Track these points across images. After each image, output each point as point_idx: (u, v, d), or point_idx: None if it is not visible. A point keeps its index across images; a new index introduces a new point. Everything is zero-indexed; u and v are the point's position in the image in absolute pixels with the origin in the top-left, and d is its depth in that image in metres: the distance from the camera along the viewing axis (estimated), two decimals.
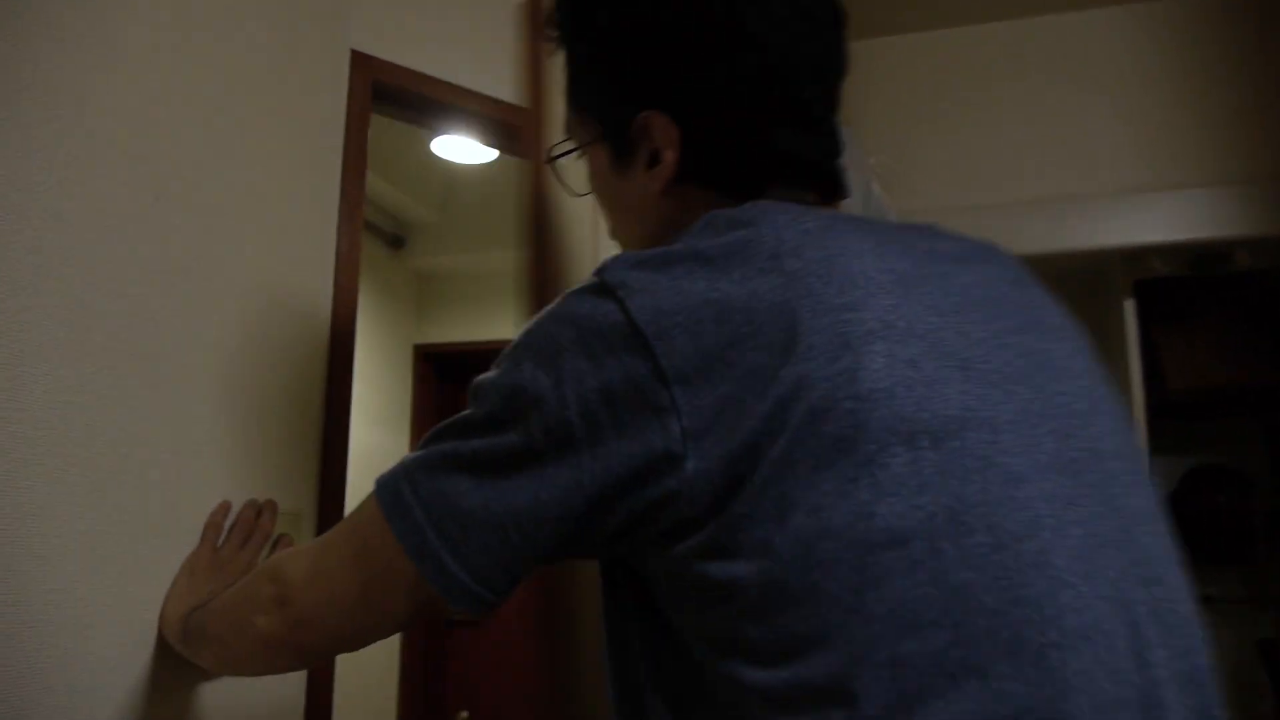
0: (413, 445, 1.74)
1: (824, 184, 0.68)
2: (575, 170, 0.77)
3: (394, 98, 1.48)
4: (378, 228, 3.30)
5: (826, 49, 0.67)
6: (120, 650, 0.95)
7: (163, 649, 0.97)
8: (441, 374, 3.67)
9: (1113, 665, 0.49)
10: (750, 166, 0.66)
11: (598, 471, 0.54)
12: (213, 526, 1.05)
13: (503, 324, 3.48)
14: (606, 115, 0.69)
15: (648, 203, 0.69)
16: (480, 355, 3.75)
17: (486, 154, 2.87)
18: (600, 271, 0.57)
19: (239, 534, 1.07)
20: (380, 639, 0.67)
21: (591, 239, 1.57)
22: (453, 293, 3.65)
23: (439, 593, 0.57)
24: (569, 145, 0.75)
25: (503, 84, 1.63)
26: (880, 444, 0.49)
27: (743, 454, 0.51)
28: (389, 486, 0.60)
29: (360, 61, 1.40)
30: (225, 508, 1.08)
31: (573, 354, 0.54)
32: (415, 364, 3.58)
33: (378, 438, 3.26)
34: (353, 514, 0.65)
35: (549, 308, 0.58)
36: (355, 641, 0.67)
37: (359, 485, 3.15)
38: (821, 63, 0.66)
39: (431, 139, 2.76)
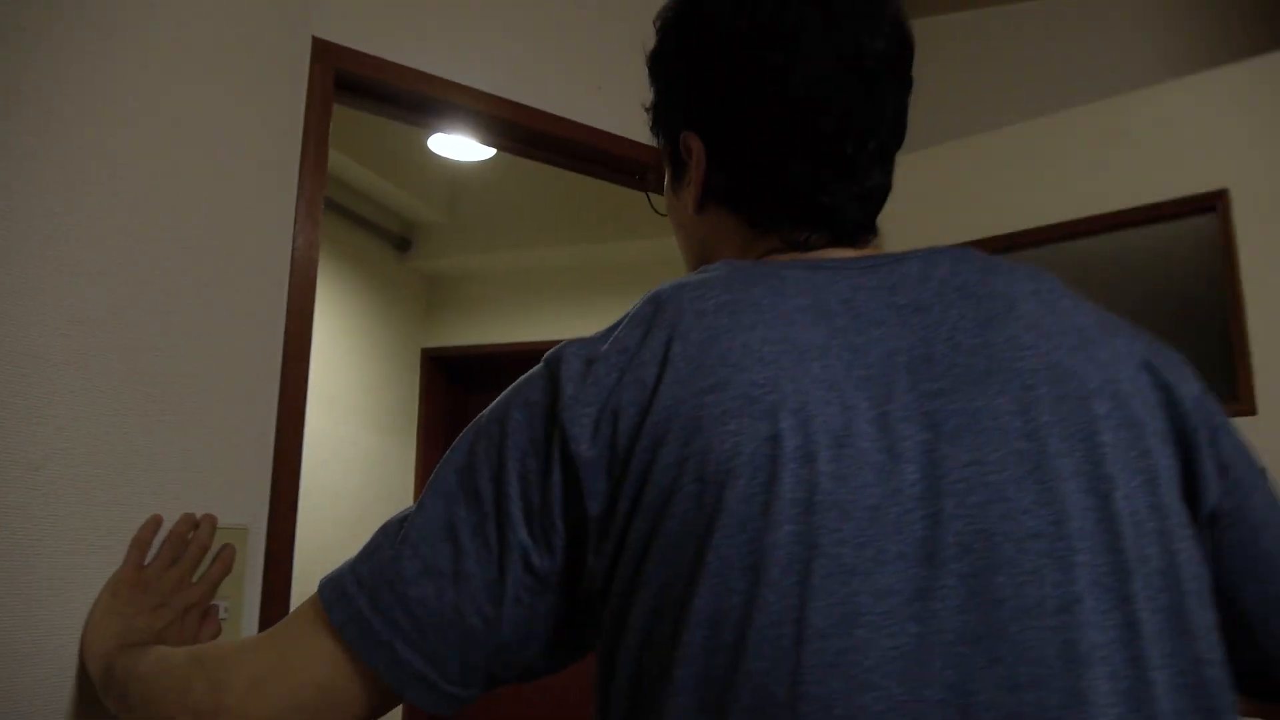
0: (420, 453, 1.65)
1: (840, 228, 0.66)
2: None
3: (362, 89, 1.41)
4: (383, 229, 3.25)
5: (868, 97, 0.65)
6: (35, 679, 0.88)
7: (83, 679, 0.90)
8: (451, 378, 3.61)
9: None
10: (763, 197, 0.67)
11: None
12: (138, 543, 0.99)
13: (514, 326, 3.41)
14: (668, 136, 0.72)
15: (689, 221, 0.73)
16: (490, 358, 3.69)
17: (485, 151, 2.81)
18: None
19: (169, 550, 1.00)
20: None
21: None
22: (462, 295, 3.59)
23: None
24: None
25: (487, 75, 1.55)
26: (718, 528, 0.50)
27: (614, 532, 0.54)
28: None
29: (322, 49, 1.33)
30: (155, 523, 1.01)
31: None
32: (423, 368, 3.51)
33: (384, 445, 3.20)
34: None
35: None
36: None
37: (361, 495, 3.05)
38: (857, 108, 0.65)
39: (427, 136, 2.70)
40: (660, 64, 0.73)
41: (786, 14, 0.64)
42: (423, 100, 1.47)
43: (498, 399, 0.61)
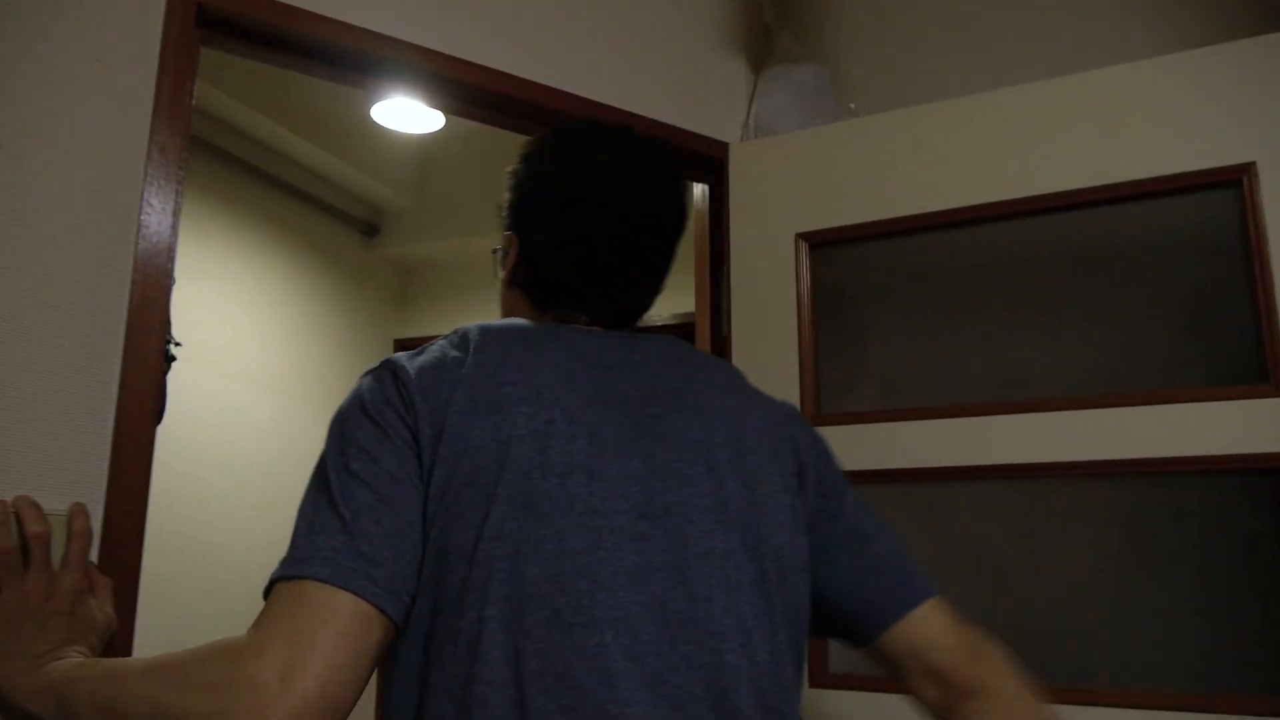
0: None
1: (598, 319, 0.95)
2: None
3: (237, 29, 1.25)
4: (348, 215, 3.10)
5: (633, 248, 0.93)
6: None
7: None
8: None
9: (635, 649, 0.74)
10: (546, 293, 0.95)
11: None
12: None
13: (492, 313, 3.26)
14: (504, 224, 0.99)
15: (503, 291, 1.01)
16: None
17: (432, 119, 2.65)
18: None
19: (40, 550, 0.90)
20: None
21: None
22: (435, 282, 3.44)
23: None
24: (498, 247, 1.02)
25: (421, 24, 1.38)
26: (503, 478, 0.76)
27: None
28: None
29: None
30: None
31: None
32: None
33: None
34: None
35: None
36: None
37: None
38: (623, 253, 0.93)
39: (369, 106, 2.55)
40: (510, 179, 0.99)
41: (583, 183, 0.92)
42: (317, 45, 1.30)
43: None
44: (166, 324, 1.13)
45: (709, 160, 1.63)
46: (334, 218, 3.05)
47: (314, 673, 0.67)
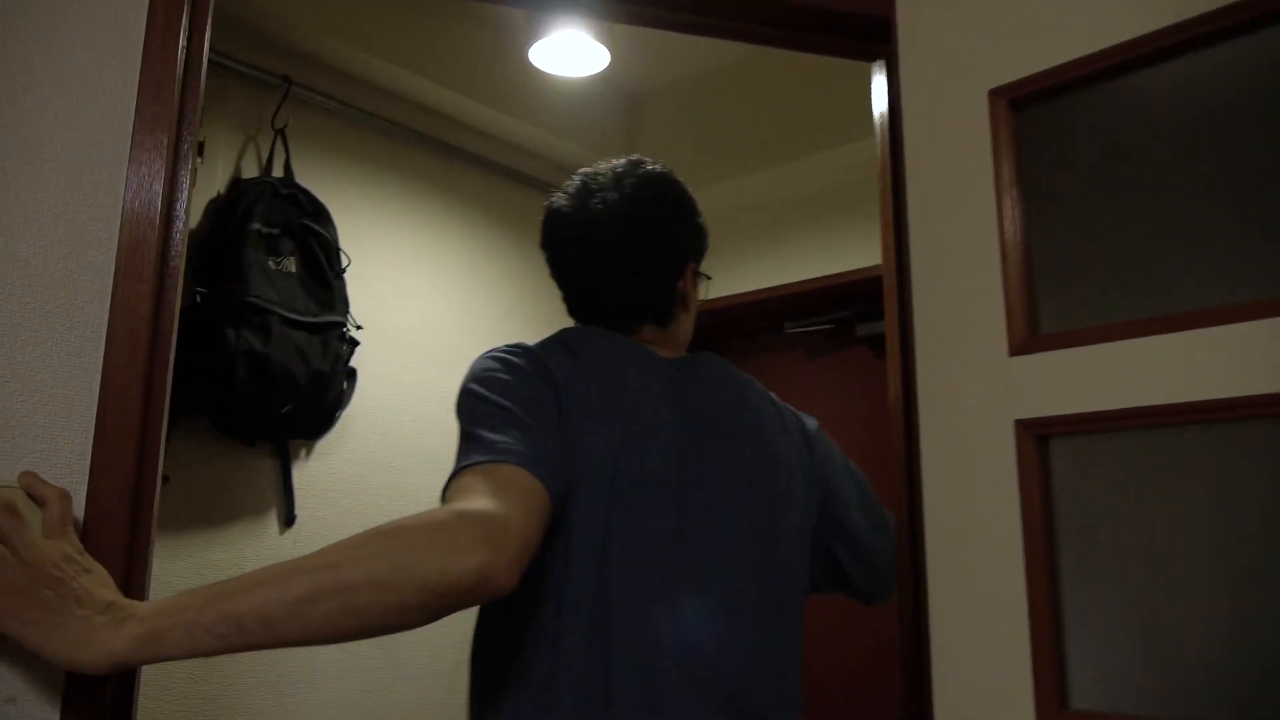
0: None
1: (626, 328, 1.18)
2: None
3: None
4: (529, 177, 2.88)
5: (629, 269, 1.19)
6: None
7: None
8: None
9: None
10: (573, 308, 1.23)
11: None
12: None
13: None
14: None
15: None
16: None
17: (596, 58, 2.41)
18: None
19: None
20: None
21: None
22: None
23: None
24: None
25: None
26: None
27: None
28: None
29: None
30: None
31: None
32: None
33: None
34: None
35: None
36: None
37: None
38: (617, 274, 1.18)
39: (528, 48, 2.36)
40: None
41: (585, 212, 1.18)
42: None
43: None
44: (172, 273, 0.97)
45: (870, 24, 1.24)
46: (517, 182, 2.86)
47: (524, 534, 0.84)
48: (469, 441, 0.93)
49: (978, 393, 1.07)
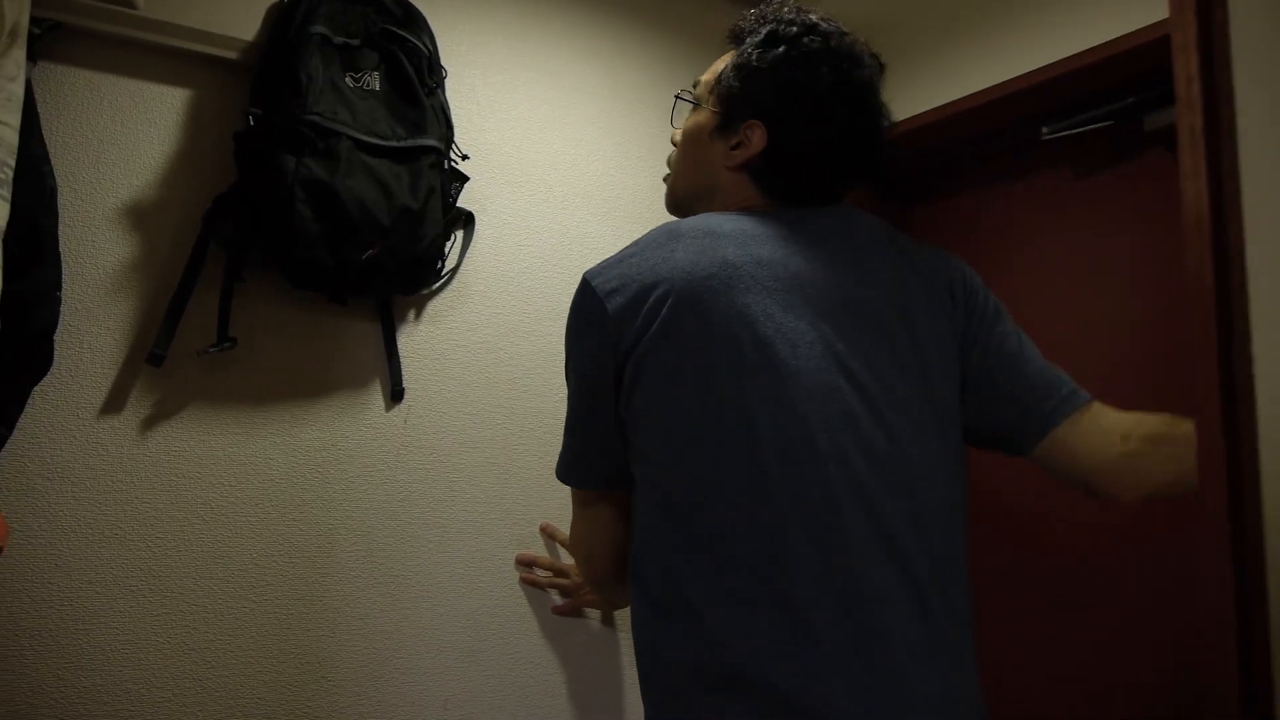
0: None
1: (816, 201, 1.21)
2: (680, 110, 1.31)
3: None
4: None
5: (860, 143, 1.21)
6: None
7: None
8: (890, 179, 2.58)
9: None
10: (783, 181, 1.20)
11: None
12: None
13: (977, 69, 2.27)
14: (732, 113, 1.20)
15: (717, 165, 1.22)
16: (944, 128, 2.37)
17: None
18: None
19: None
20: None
21: None
22: None
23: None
24: (691, 98, 1.28)
25: None
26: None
27: None
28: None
29: None
30: None
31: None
32: None
33: None
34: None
35: None
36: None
37: None
38: (856, 146, 1.20)
39: None
40: (752, 74, 1.19)
41: (833, 99, 1.17)
42: None
43: None
44: None
45: None
46: None
47: None
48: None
49: None
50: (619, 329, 1.06)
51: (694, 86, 1.30)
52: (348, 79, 1.68)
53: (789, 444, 1.00)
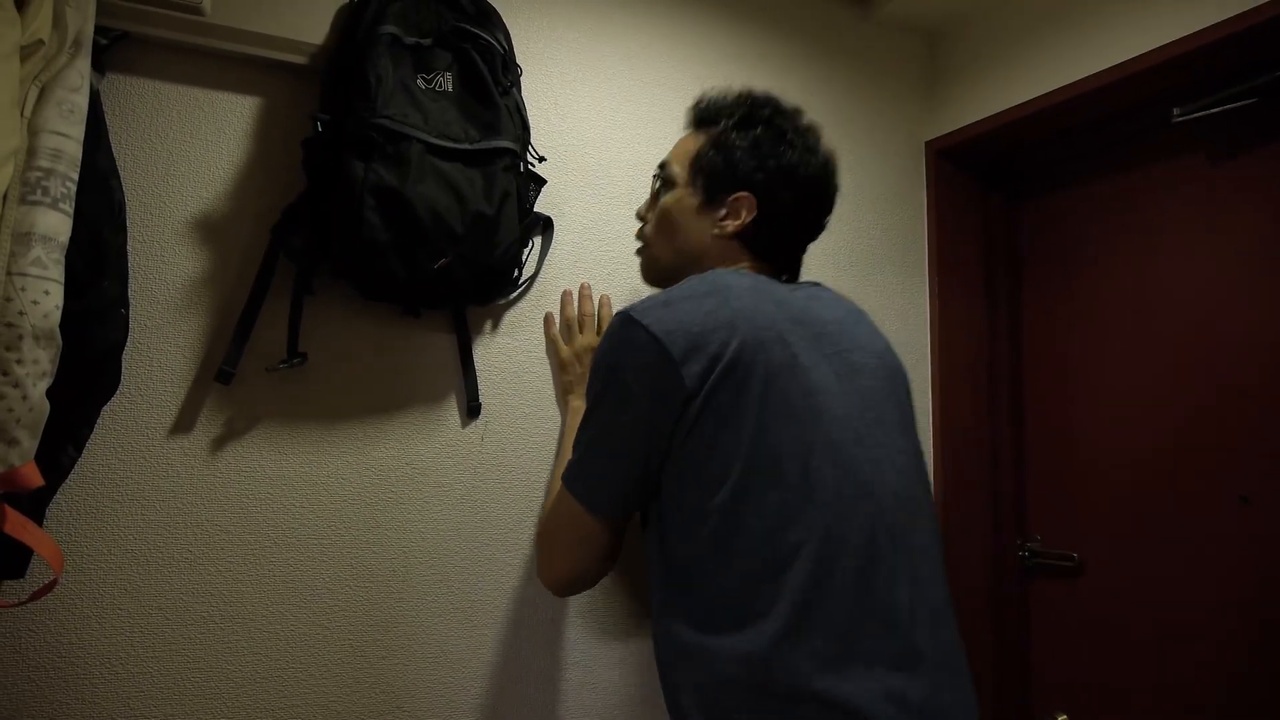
0: (936, 288, 2.29)
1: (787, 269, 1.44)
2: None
3: None
4: None
5: (824, 207, 1.42)
6: None
7: None
8: (976, 174, 2.42)
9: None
10: (773, 246, 1.38)
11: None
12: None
13: (1055, 65, 2.09)
14: (717, 180, 1.38)
15: (704, 234, 1.38)
16: (1025, 125, 2.26)
17: None
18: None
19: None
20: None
21: None
22: (982, 42, 2.35)
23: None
24: (669, 178, 1.45)
25: None
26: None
27: None
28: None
29: None
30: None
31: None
32: (931, 168, 2.39)
33: (893, 284, 2.21)
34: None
35: None
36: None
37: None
38: (827, 215, 1.43)
39: None
40: (734, 151, 1.37)
41: (820, 176, 1.38)
42: None
43: None
44: None
45: None
46: None
47: None
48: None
49: None
50: (679, 370, 1.13)
51: (661, 169, 1.46)
52: (419, 80, 1.60)
53: (840, 484, 1.13)
